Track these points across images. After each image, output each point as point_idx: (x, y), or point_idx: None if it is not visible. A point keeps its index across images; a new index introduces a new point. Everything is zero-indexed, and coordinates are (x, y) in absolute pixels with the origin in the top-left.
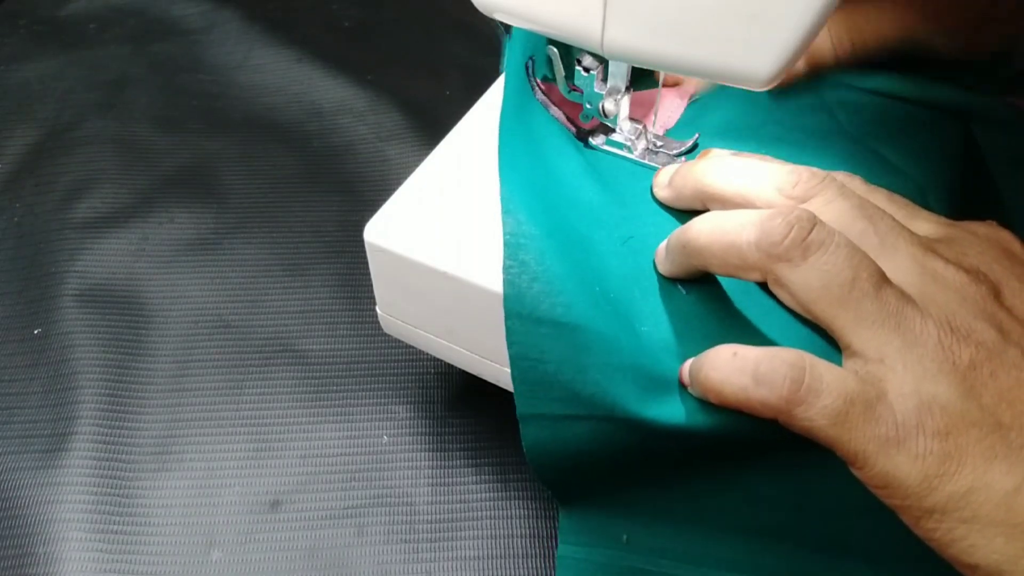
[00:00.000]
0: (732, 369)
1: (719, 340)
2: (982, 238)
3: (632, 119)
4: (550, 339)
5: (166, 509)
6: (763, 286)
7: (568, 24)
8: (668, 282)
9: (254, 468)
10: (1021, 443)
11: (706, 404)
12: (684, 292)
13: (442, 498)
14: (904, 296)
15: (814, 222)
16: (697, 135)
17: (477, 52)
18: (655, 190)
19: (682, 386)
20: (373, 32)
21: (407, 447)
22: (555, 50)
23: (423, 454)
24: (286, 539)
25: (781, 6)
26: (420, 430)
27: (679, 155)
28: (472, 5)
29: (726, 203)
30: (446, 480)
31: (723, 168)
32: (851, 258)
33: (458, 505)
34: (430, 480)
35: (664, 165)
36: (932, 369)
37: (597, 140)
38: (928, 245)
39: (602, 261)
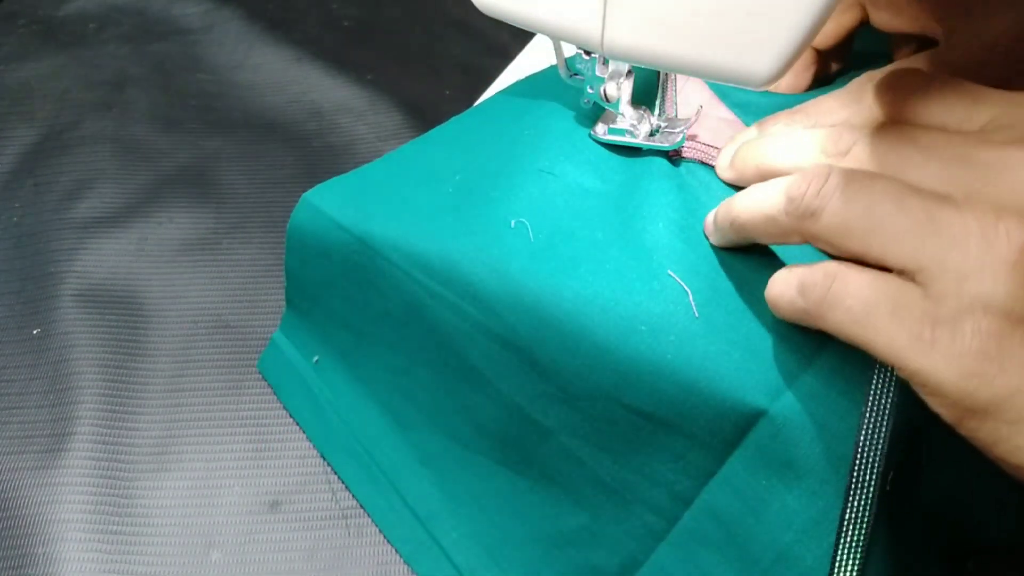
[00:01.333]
0: (784, 281)
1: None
2: None
3: (634, 105)
4: (375, 178)
5: (165, 510)
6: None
7: (568, 24)
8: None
9: (253, 468)
10: None
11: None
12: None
13: None
14: (936, 200)
15: (828, 172)
16: (700, 106)
17: (477, 52)
18: (719, 172)
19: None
20: (373, 32)
21: None
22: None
23: None
24: (285, 539)
25: (781, 6)
26: None
27: (683, 130)
28: (472, 5)
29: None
30: None
31: (776, 144)
32: (864, 187)
33: None
34: None
35: (668, 143)
36: (975, 267)
37: (598, 130)
38: (980, 137)
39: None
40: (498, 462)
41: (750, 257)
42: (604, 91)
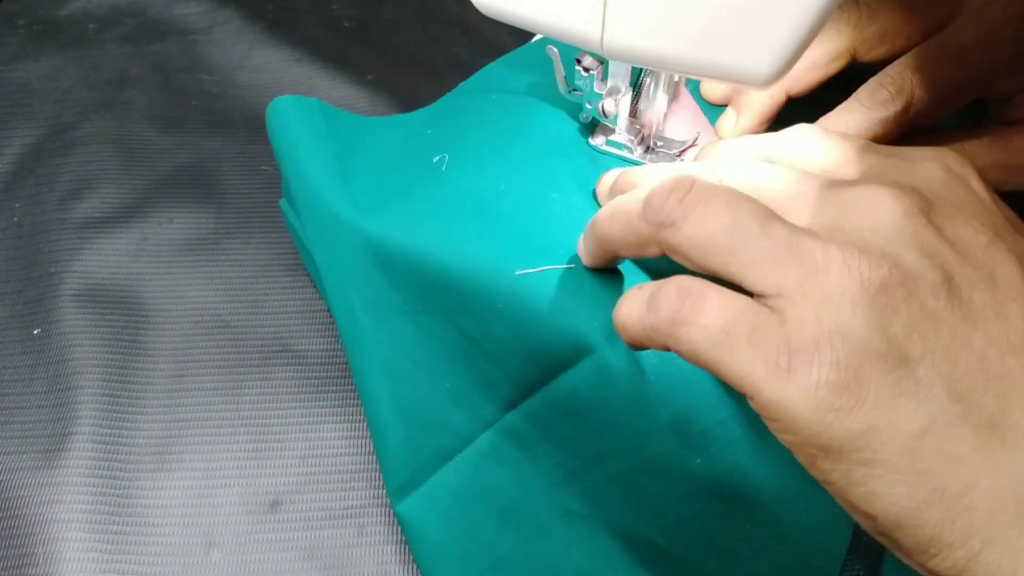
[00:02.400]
0: (634, 298)
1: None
2: (926, 162)
3: (632, 119)
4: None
5: (166, 509)
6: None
7: (568, 25)
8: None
9: (254, 468)
10: (930, 380)
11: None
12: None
13: None
14: (799, 229)
15: (692, 182)
16: (698, 133)
17: (477, 52)
18: (599, 199)
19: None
20: (373, 32)
21: None
22: (555, 49)
23: None
24: (286, 539)
25: (781, 6)
26: None
27: (680, 153)
28: (472, 5)
29: None
30: None
31: (656, 170)
32: (730, 204)
33: None
34: None
35: (664, 163)
36: (835, 295)
37: (597, 141)
38: (851, 180)
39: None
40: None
41: None
42: (602, 107)
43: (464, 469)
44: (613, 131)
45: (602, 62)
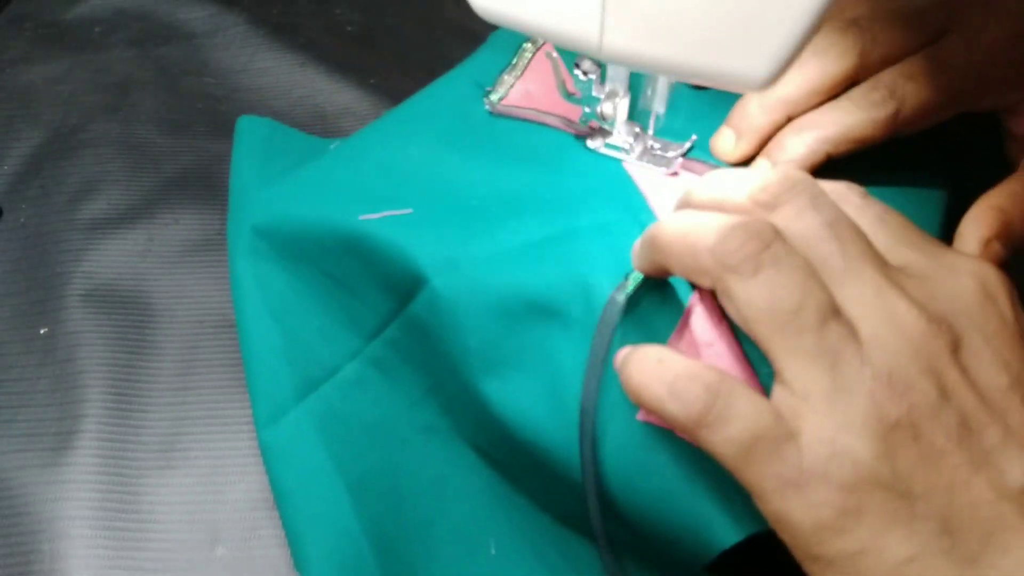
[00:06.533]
0: (653, 376)
1: None
2: (964, 277)
3: (629, 122)
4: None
5: (171, 506)
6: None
7: (566, 28)
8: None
9: (258, 465)
10: (927, 514)
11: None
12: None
13: None
14: (849, 335)
15: (773, 237)
16: (695, 136)
17: None
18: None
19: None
20: (376, 37)
21: None
22: (555, 54)
23: None
24: None
25: (777, 10)
26: None
27: (677, 156)
28: (473, 11)
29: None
30: None
31: (702, 180)
32: (802, 284)
33: None
34: None
35: (663, 167)
36: (855, 421)
37: (595, 143)
38: (898, 280)
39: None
40: None
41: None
42: (600, 110)
43: (330, 396)
44: (611, 134)
45: (600, 65)
